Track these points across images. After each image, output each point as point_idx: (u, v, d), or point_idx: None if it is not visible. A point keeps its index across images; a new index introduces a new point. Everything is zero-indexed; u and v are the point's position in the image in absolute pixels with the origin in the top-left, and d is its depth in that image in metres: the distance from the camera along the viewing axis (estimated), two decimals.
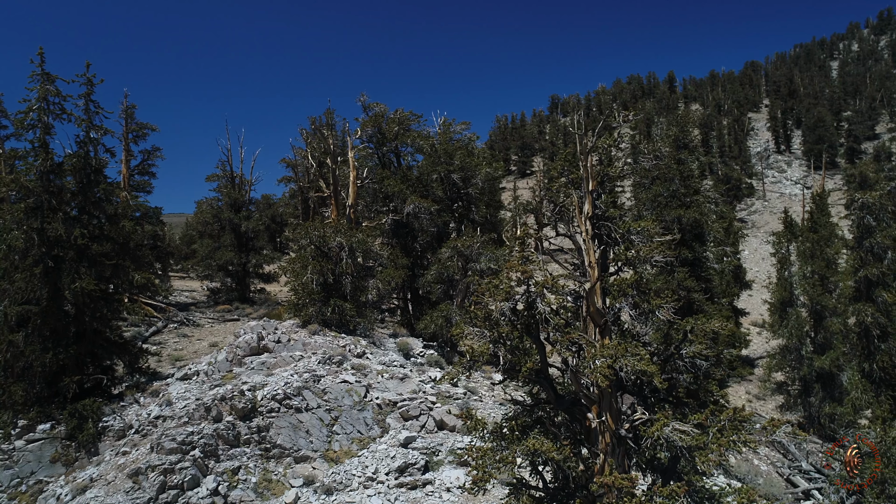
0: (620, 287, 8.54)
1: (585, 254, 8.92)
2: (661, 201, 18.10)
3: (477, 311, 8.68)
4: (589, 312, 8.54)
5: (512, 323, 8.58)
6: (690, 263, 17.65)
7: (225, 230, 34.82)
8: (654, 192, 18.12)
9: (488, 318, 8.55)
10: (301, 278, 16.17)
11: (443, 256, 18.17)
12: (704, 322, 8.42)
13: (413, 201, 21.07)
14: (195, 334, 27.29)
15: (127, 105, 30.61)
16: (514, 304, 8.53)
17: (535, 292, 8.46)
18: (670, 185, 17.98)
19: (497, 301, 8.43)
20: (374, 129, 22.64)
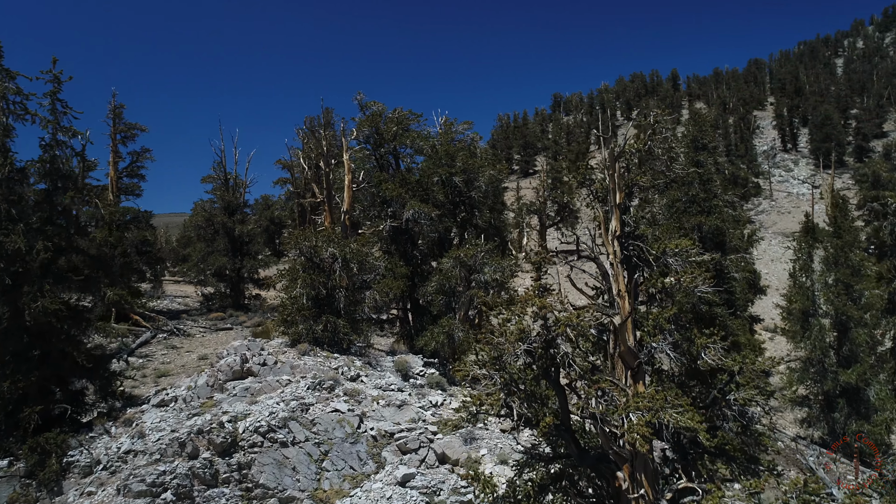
0: (657, 322, 7.19)
1: (613, 280, 7.57)
2: (680, 207, 16.78)
3: (485, 349, 7.34)
4: (619, 352, 7.20)
5: (527, 365, 7.25)
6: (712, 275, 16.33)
7: (218, 234, 33.54)
8: (672, 196, 16.79)
9: (499, 360, 7.21)
10: (290, 292, 14.88)
11: (444, 267, 16.86)
12: (751, 358, 7.11)
13: (413, 206, 19.74)
14: (184, 345, 25.99)
15: (115, 105, 29.30)
16: (530, 345, 7.19)
17: (554, 331, 7.11)
18: (689, 189, 16.66)
19: (509, 342, 7.08)
20: (372, 129, 21.31)
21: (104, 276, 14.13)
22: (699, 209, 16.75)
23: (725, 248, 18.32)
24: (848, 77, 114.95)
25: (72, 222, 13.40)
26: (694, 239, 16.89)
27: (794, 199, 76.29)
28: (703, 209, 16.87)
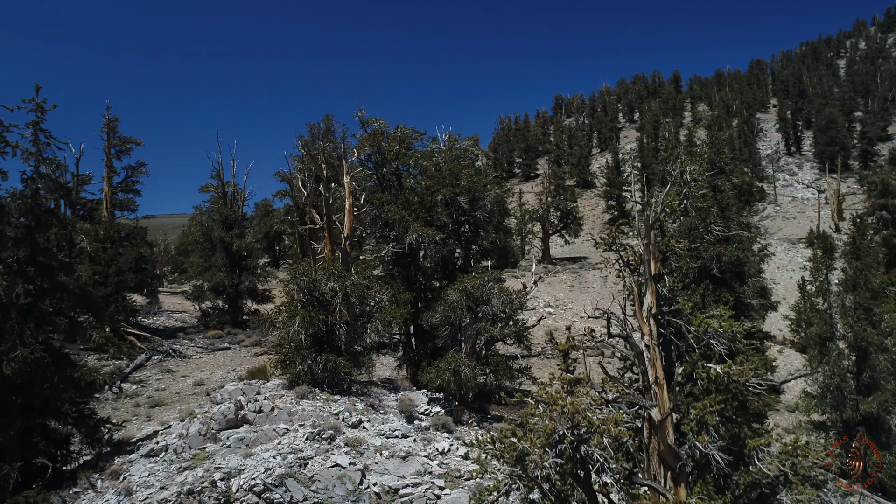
0: (700, 418, 6.38)
1: (649, 364, 6.77)
2: (697, 235, 15.96)
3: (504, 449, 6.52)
4: (658, 451, 6.41)
5: (554, 466, 6.44)
6: (731, 306, 15.54)
7: (216, 249, 32.77)
8: (688, 223, 15.97)
9: (521, 461, 6.39)
10: (288, 328, 14.10)
11: (450, 298, 16.05)
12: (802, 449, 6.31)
13: (416, 230, 18.93)
14: (180, 369, 25.21)
15: (109, 118, 28.49)
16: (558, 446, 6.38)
17: (586, 436, 6.30)
18: (706, 216, 15.85)
19: (535, 446, 6.27)
20: (373, 148, 20.51)
21: (91, 316, 13.31)
22: (717, 237, 15.95)
23: (744, 277, 17.55)
24: (851, 79, 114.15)
25: (55, 260, 12.57)
26: (712, 269, 16.11)
27: (798, 203, 75.47)
28: (723, 237, 16.07)
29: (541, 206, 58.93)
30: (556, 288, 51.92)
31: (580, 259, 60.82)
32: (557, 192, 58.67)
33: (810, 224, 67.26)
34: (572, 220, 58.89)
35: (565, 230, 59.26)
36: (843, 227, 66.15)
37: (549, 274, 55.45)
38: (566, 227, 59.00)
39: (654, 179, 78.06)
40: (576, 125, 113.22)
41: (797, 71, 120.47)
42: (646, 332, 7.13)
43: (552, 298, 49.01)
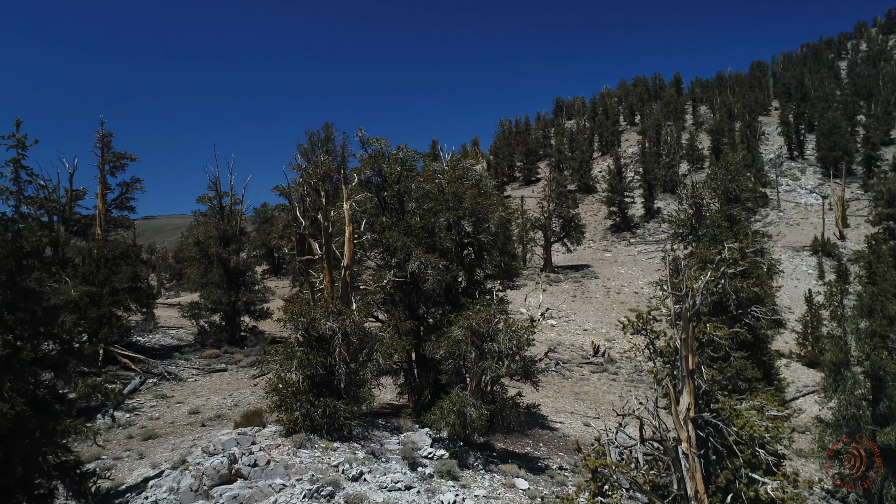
0: None
1: (688, 476, 6.06)
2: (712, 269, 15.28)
3: None
4: None
5: None
6: (749, 345, 14.88)
7: (213, 265, 32.10)
8: (703, 256, 15.28)
9: None
10: (285, 371, 13.43)
11: (454, 334, 15.38)
12: None
13: (418, 257, 18.24)
14: (175, 394, 24.51)
15: (103, 134, 27.78)
16: None
17: None
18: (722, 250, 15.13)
19: None
20: (374, 170, 19.83)
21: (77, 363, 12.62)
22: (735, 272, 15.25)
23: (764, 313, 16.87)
24: (853, 81, 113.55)
25: (39, 304, 11.88)
26: (729, 307, 15.42)
27: (802, 209, 74.83)
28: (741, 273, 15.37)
29: (542, 213, 58.29)
30: (559, 298, 51.29)
31: (582, 267, 60.25)
32: (559, 199, 58.04)
33: (814, 231, 66.62)
34: (574, 227, 58.27)
35: (567, 238, 58.67)
36: (847, 234, 65.56)
37: (552, 284, 54.82)
38: (568, 235, 58.40)
39: (655, 185, 77.48)
40: (577, 128, 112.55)
41: (799, 73, 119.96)
42: (683, 439, 6.42)
43: (554, 309, 48.36)
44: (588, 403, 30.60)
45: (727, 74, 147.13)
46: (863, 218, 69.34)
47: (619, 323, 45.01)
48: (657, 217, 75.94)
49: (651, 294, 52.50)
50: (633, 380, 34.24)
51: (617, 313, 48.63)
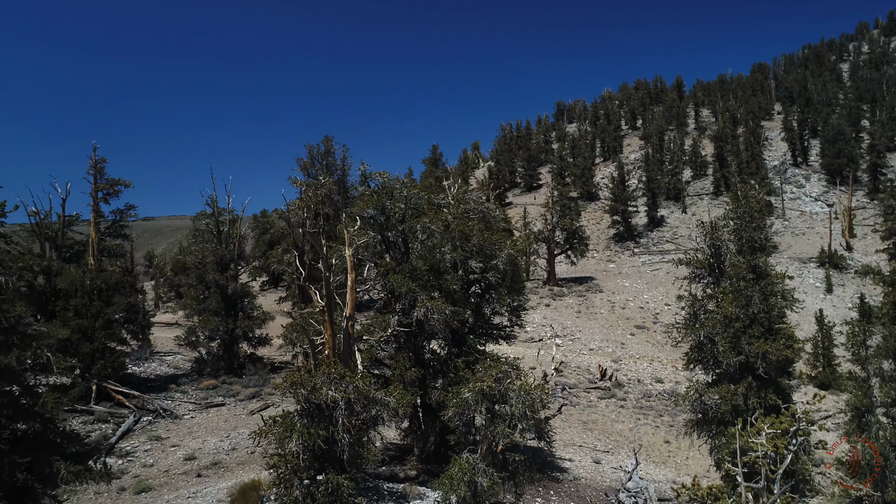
0: None
1: None
2: (738, 328, 14.40)
3: None
4: None
5: None
6: (776, 409, 14.00)
7: (211, 291, 31.24)
8: (728, 313, 14.41)
9: None
10: (284, 445, 12.57)
11: (463, 397, 14.52)
12: None
13: (424, 303, 17.39)
14: (171, 435, 23.62)
15: (96, 160, 26.90)
16: None
17: None
18: (748, 305, 14.29)
19: None
20: (378, 209, 18.95)
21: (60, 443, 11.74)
22: (762, 330, 14.38)
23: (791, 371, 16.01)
24: (856, 85, 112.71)
25: (19, 382, 11.01)
26: (757, 368, 14.54)
27: (807, 218, 74.00)
28: (767, 330, 14.50)
29: (546, 225, 57.45)
30: (563, 314, 50.42)
31: (586, 279, 59.39)
32: (563, 211, 57.21)
33: (820, 241, 65.77)
34: (578, 239, 57.44)
35: (571, 250, 57.83)
36: (854, 244, 64.72)
37: (555, 298, 53.95)
38: (572, 248, 57.56)
39: (658, 193, 76.57)
40: (578, 133, 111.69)
41: (802, 77, 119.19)
42: None
43: (559, 326, 47.49)
44: (597, 434, 29.76)
45: (728, 76, 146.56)
46: (869, 227, 68.54)
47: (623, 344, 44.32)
48: (661, 226, 75.14)
49: (656, 309, 51.65)
50: (641, 406, 33.40)
51: (623, 330, 47.84)
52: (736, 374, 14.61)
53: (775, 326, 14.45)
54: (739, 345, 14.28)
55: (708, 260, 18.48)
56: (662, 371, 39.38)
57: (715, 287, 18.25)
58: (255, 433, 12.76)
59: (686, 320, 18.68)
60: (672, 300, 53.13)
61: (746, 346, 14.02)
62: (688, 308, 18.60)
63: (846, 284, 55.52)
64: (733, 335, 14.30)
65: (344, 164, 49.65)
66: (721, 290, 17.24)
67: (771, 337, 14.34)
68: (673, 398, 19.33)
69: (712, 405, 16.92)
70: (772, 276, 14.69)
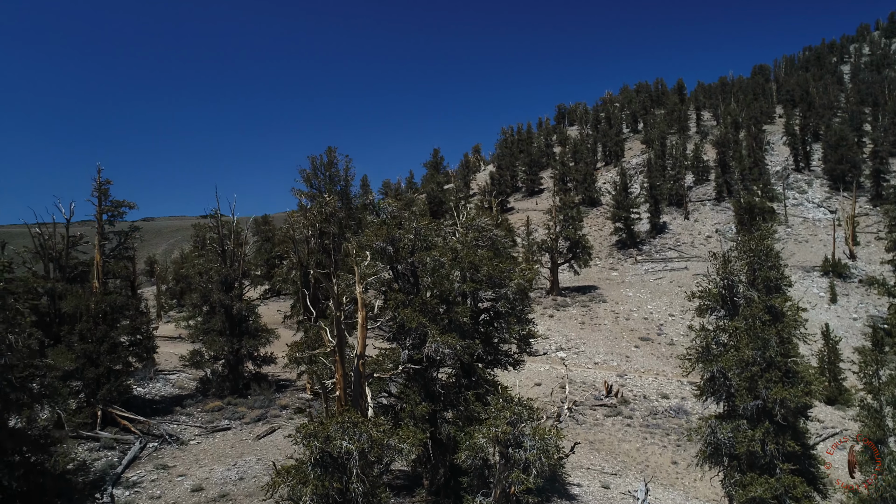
0: None
1: None
2: (755, 371, 14.22)
3: None
4: None
5: None
6: (796, 456, 13.86)
7: (215, 312, 31.07)
8: (745, 357, 14.23)
9: None
10: (298, 497, 12.39)
11: (478, 442, 14.37)
12: None
13: (435, 339, 17.25)
14: (178, 462, 23.44)
15: (100, 182, 26.68)
16: None
17: None
18: (765, 348, 14.12)
19: None
20: (387, 241, 18.79)
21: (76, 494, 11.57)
22: (779, 375, 14.21)
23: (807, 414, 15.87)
24: (857, 88, 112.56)
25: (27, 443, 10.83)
26: (775, 414, 14.38)
27: (810, 225, 73.83)
28: (784, 373, 14.34)
29: (549, 235, 57.29)
30: (567, 325, 50.26)
31: (589, 289, 59.20)
32: (566, 221, 57.06)
33: (824, 248, 65.63)
34: (581, 249, 57.29)
35: (574, 260, 57.67)
36: (857, 252, 64.56)
37: (559, 309, 53.77)
38: (575, 258, 57.40)
39: (661, 199, 76.40)
40: (580, 137, 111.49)
41: (803, 80, 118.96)
42: None
43: (563, 339, 47.34)
44: (604, 454, 29.63)
45: (729, 78, 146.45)
46: (872, 235, 68.40)
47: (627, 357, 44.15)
48: (664, 232, 75.00)
49: (660, 320, 51.47)
50: (648, 424, 33.25)
51: (627, 342, 47.67)
52: (753, 418, 14.44)
53: (793, 368, 14.27)
54: (757, 388, 14.12)
55: (721, 292, 18.34)
56: (668, 386, 39.22)
57: (728, 320, 18.12)
58: (268, 485, 12.57)
59: (698, 353, 18.54)
60: (676, 311, 53.02)
61: (764, 390, 13.85)
62: (700, 340, 18.46)
63: (850, 294, 55.37)
64: (750, 378, 14.13)
65: (347, 175, 49.44)
66: (734, 324, 17.10)
67: (789, 381, 14.17)
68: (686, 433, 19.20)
69: (725, 441, 16.80)
70: (788, 319, 14.51)
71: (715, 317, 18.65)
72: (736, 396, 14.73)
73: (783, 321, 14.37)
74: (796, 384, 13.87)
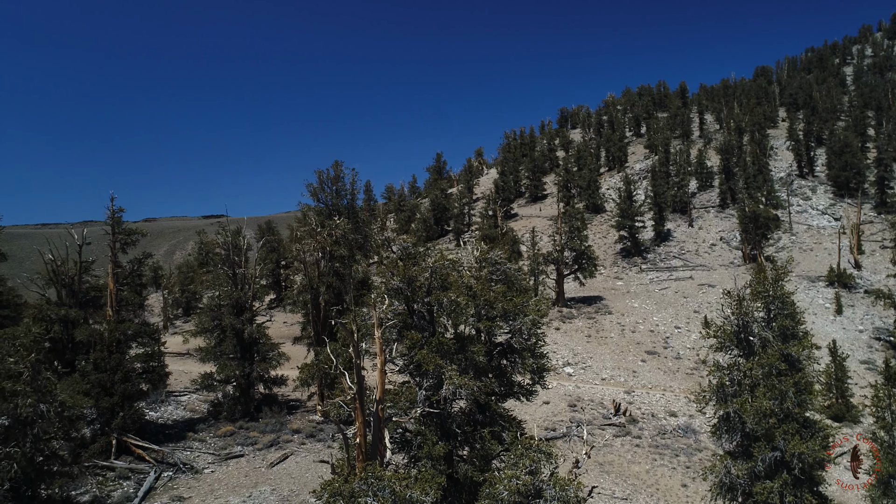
0: None
1: None
2: (772, 423, 14.34)
3: None
4: None
5: None
6: None
7: (226, 335, 31.22)
8: (763, 407, 14.34)
9: None
10: None
11: (500, 496, 14.50)
12: None
13: (452, 381, 17.38)
14: (193, 493, 23.59)
15: (114, 210, 26.83)
16: None
17: None
18: (783, 399, 14.24)
19: None
20: (404, 281, 18.90)
21: None
22: (796, 427, 14.30)
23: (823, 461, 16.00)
24: (860, 91, 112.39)
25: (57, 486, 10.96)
26: (795, 467, 14.50)
27: (814, 232, 73.84)
28: (802, 424, 14.45)
29: (555, 246, 57.42)
30: (573, 338, 50.39)
31: (595, 300, 59.31)
32: (571, 233, 57.18)
33: (828, 257, 65.67)
34: (587, 259, 57.42)
35: (580, 271, 57.82)
36: (862, 261, 64.59)
37: (564, 321, 53.90)
38: (581, 269, 57.54)
39: (665, 207, 76.47)
40: (583, 141, 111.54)
41: (806, 84, 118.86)
42: None
43: (570, 353, 47.47)
44: (613, 477, 29.78)
45: (732, 80, 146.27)
46: (877, 243, 68.43)
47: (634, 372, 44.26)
48: (668, 240, 75.06)
49: (666, 332, 51.57)
50: (657, 444, 33.38)
51: (633, 356, 47.80)
52: (770, 469, 14.57)
53: (810, 419, 14.39)
54: (774, 440, 14.25)
55: (735, 331, 18.46)
56: (675, 403, 39.35)
57: (743, 359, 18.26)
58: None
59: (713, 390, 18.67)
60: (682, 322, 53.17)
61: (782, 441, 13.98)
62: (714, 379, 18.59)
63: (856, 305, 55.43)
64: (767, 429, 14.25)
65: (353, 189, 49.56)
66: (749, 365, 17.23)
67: (807, 431, 14.30)
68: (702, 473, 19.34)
69: (740, 480, 16.95)
70: (805, 370, 14.63)
71: (730, 356, 18.77)
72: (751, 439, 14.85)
73: (800, 369, 14.47)
74: (815, 435, 13.99)
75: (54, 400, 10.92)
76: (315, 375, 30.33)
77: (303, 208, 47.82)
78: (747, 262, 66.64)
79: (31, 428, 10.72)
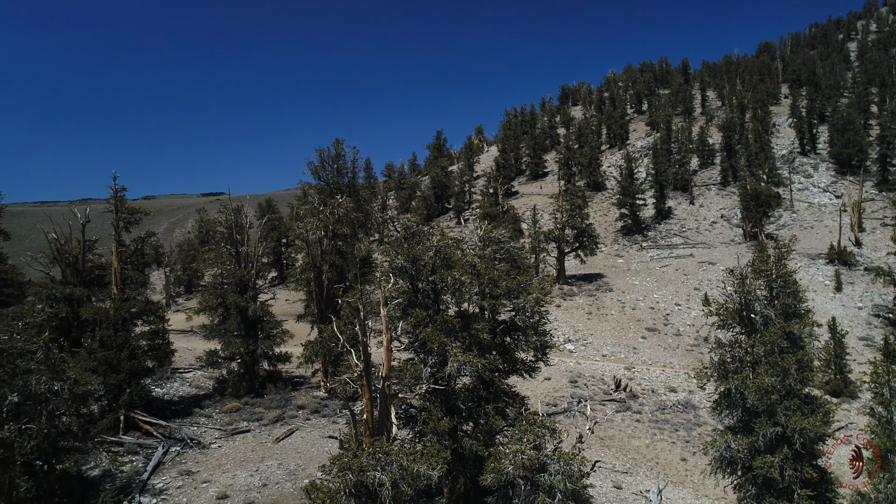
0: None
1: None
2: (774, 400, 14.56)
3: None
4: None
5: None
6: (814, 483, 14.27)
7: (230, 313, 31.46)
8: (765, 384, 14.55)
9: None
10: None
11: (505, 469, 14.77)
12: None
13: (457, 358, 17.60)
14: (201, 468, 23.96)
15: (116, 189, 26.86)
16: None
17: None
18: (785, 376, 14.44)
19: None
20: (408, 261, 19.04)
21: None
22: (798, 403, 14.54)
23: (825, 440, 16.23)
24: (864, 68, 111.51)
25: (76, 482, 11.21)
26: (795, 442, 14.76)
27: (815, 210, 73.83)
28: (803, 400, 14.69)
29: (556, 224, 57.48)
30: (574, 315, 50.68)
31: (595, 277, 59.53)
32: (572, 210, 57.20)
33: (829, 234, 65.78)
34: (588, 238, 57.50)
35: (581, 249, 57.94)
36: (863, 238, 64.72)
37: (565, 298, 54.17)
38: (582, 247, 57.66)
39: (666, 185, 76.34)
40: (584, 118, 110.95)
41: (810, 60, 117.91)
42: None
43: (570, 329, 47.79)
44: (614, 451, 30.21)
45: (734, 57, 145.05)
46: (878, 221, 68.50)
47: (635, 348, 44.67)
48: (669, 218, 75.07)
49: (666, 309, 51.86)
50: (657, 420, 33.80)
51: (634, 333, 48.12)
52: (771, 444, 14.83)
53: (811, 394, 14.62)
54: (776, 415, 14.48)
55: (737, 309, 18.64)
56: (675, 379, 39.71)
57: (745, 336, 18.46)
58: None
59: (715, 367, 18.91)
60: (682, 300, 53.44)
61: (783, 417, 14.21)
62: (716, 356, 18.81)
63: (855, 282, 55.65)
64: (769, 405, 14.48)
65: (354, 167, 49.50)
66: (751, 343, 17.43)
67: (807, 407, 14.54)
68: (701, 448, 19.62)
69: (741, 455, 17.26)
70: (807, 348, 14.82)
71: (732, 333, 18.96)
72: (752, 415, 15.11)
73: (802, 346, 14.67)
74: (815, 411, 14.22)
75: (67, 378, 11.12)
76: (319, 352, 30.59)
77: (304, 186, 47.84)
78: (748, 239, 66.76)
79: (45, 405, 10.92)
